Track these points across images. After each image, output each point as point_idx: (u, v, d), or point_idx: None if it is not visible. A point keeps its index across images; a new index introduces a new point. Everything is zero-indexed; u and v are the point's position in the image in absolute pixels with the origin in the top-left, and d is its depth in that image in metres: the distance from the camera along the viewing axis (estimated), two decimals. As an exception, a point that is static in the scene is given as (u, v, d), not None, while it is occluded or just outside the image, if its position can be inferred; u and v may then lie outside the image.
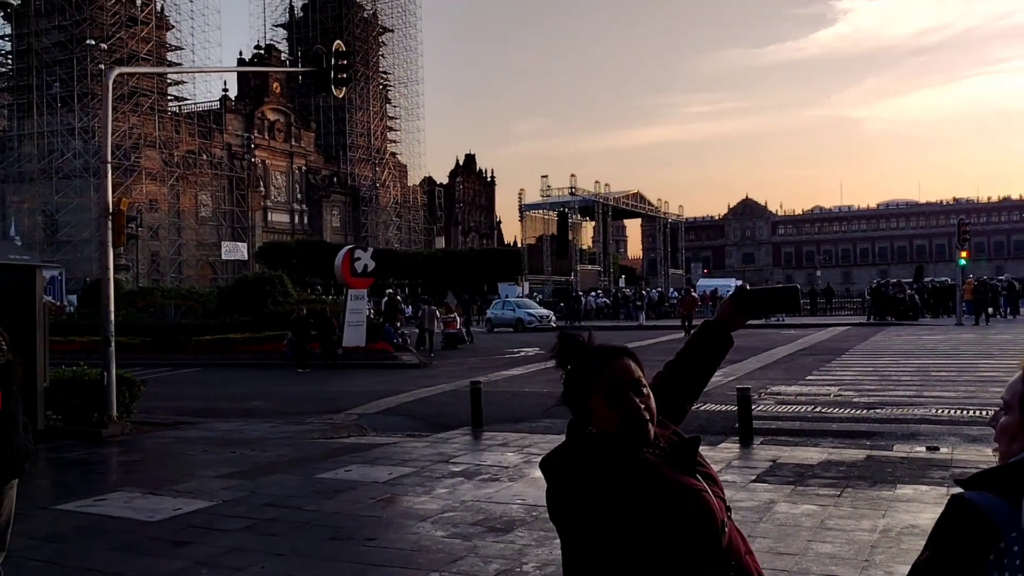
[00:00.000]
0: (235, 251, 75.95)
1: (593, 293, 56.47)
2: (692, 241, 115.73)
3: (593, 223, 79.88)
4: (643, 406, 1.91)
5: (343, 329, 24.28)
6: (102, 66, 64.68)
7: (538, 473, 8.54)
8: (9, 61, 76.32)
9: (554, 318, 42.69)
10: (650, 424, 1.92)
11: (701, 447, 2.02)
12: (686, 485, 1.86)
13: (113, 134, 63.00)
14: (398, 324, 28.38)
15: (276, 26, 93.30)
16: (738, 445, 10.15)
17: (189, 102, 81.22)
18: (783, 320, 34.70)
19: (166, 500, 8.17)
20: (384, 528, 7.11)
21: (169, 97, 78.92)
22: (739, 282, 68.76)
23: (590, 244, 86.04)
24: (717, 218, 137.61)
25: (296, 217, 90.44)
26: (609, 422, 1.90)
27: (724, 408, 12.94)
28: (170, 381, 21.93)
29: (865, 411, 13.04)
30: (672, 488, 1.84)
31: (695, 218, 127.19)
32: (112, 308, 13.16)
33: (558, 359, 2.01)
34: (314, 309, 24.45)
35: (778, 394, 14.91)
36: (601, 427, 1.91)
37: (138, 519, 7.47)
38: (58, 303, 37.71)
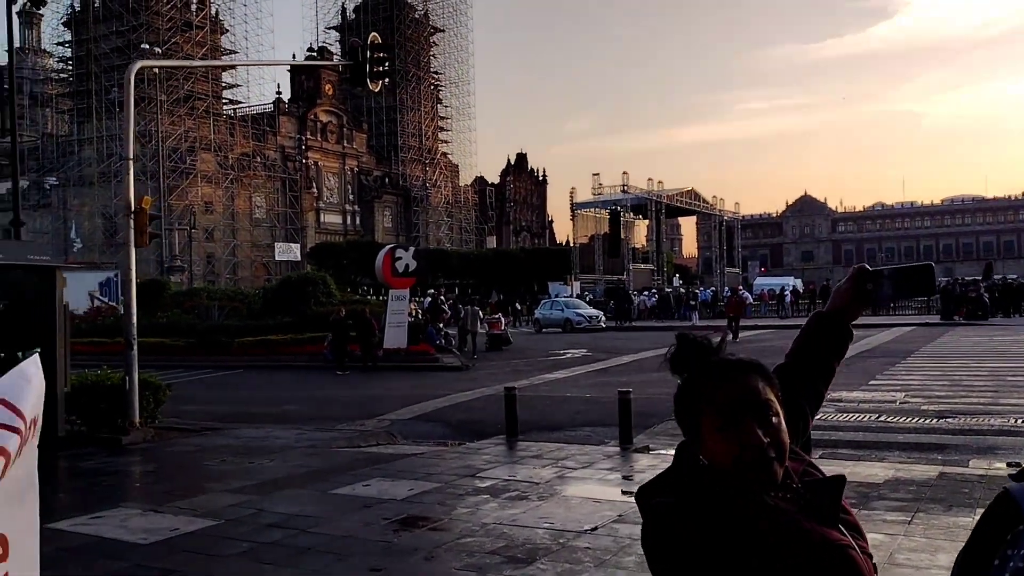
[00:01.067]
0: (288, 252, 76.47)
1: (646, 292, 55.33)
2: (749, 239, 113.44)
3: (647, 222, 78.63)
4: (767, 440, 1.50)
5: (384, 330, 23.76)
6: (156, 71, 65.64)
7: (570, 490, 7.76)
8: (70, 67, 77.96)
9: (604, 318, 41.72)
10: (776, 463, 1.50)
11: None
12: (828, 540, 1.48)
13: (169, 138, 64.25)
14: (440, 325, 27.79)
15: (328, 28, 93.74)
16: (794, 460, 9.22)
17: (243, 105, 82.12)
18: None
19: (166, 518, 7.58)
20: (393, 556, 6.40)
21: (224, 100, 79.73)
22: (797, 280, 67.03)
23: (644, 243, 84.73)
24: (775, 215, 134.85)
25: (348, 218, 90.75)
26: (721, 455, 1.52)
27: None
28: (210, 383, 21.66)
29: (935, 420, 11.99)
30: (809, 545, 1.45)
31: (752, 215, 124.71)
32: (134, 311, 12.75)
33: (672, 366, 1.63)
34: (354, 310, 23.96)
35: (838, 400, 13.84)
36: (712, 459, 1.53)
37: (130, 541, 6.87)
38: (111, 304, 38.02)
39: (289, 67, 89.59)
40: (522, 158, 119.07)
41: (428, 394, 16.87)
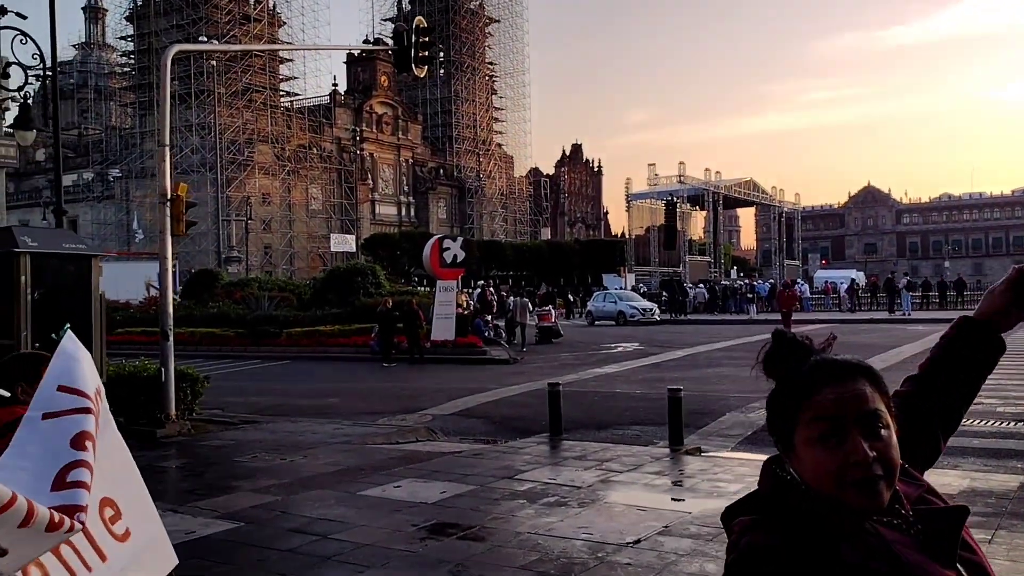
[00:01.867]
0: (343, 243, 76.89)
1: (702, 285, 54.26)
2: (809, 231, 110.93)
3: (704, 213, 77.18)
4: (873, 454, 1.28)
5: (431, 322, 23.40)
6: (213, 62, 66.39)
7: (613, 496, 7.12)
8: (132, 61, 79.40)
9: (658, 311, 40.88)
10: (883, 483, 1.28)
11: None
12: None
13: (228, 129, 64.96)
14: (488, 317, 27.34)
15: (384, 20, 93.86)
16: (858, 466, 8.51)
17: (300, 98, 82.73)
18: None
19: (184, 520, 7.21)
20: (416, 569, 5.91)
21: (281, 93, 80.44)
22: (859, 273, 65.06)
23: (701, 235, 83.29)
24: (837, 207, 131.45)
25: (403, 209, 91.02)
26: (817, 470, 1.30)
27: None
28: (257, 374, 21.57)
29: (1012, 424, 11.15)
30: None
31: (813, 207, 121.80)
32: (170, 300, 12.48)
33: (765, 366, 1.42)
34: (400, 301, 23.64)
35: (905, 401, 13.02)
36: (807, 474, 1.32)
37: (142, 544, 6.51)
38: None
39: (345, 60, 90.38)
40: (577, 149, 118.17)
41: (473, 388, 16.41)
